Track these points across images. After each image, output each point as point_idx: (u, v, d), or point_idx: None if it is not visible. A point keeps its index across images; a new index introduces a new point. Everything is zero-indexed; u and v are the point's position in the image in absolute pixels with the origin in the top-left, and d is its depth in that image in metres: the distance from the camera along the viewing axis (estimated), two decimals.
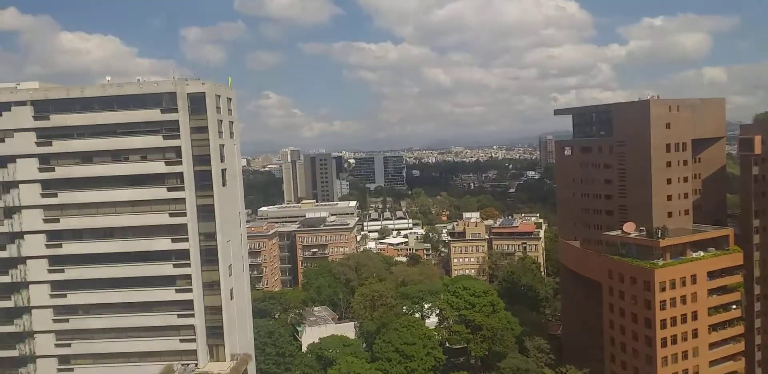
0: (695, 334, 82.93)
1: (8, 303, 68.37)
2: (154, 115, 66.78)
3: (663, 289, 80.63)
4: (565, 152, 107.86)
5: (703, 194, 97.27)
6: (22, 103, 67.37)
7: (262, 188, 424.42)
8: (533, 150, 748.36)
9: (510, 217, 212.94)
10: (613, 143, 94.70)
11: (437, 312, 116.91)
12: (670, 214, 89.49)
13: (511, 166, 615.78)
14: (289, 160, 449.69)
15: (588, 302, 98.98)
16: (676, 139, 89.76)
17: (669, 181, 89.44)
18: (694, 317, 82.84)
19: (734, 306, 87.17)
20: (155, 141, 67.10)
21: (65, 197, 68.22)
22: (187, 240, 66.88)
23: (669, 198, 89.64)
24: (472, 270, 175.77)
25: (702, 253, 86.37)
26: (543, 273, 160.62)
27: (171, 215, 67.53)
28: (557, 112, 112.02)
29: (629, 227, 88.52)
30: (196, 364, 66.09)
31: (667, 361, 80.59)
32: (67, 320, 68.57)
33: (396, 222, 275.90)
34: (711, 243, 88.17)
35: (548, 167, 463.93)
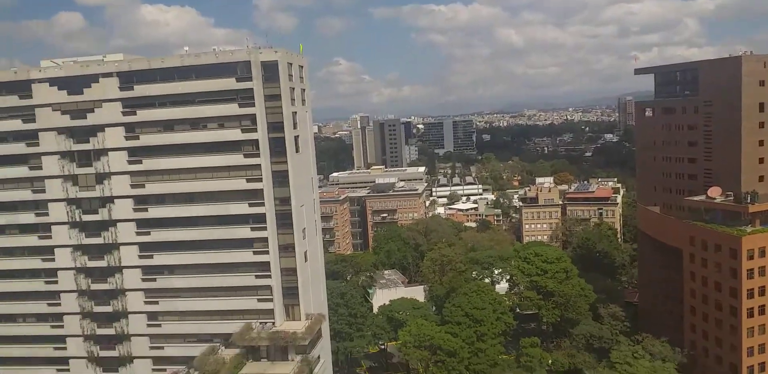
0: None
1: (102, 263, 73.35)
2: (229, 83, 68.22)
3: (751, 257, 76.71)
4: (646, 113, 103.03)
5: None
6: (109, 75, 70.38)
7: (332, 154, 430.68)
8: (611, 112, 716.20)
9: (585, 182, 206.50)
10: (699, 103, 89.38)
11: (507, 278, 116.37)
12: (761, 178, 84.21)
13: (587, 128, 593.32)
14: (359, 127, 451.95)
15: (667, 270, 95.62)
16: None
17: (761, 143, 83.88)
18: None
19: None
20: (231, 109, 68.75)
21: (149, 164, 71.48)
22: (263, 204, 68.92)
23: (761, 161, 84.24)
24: (545, 237, 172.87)
25: None
26: (620, 240, 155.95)
27: (248, 181, 69.61)
28: (638, 72, 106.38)
29: (715, 192, 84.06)
30: (273, 323, 69.02)
31: (753, 332, 77.36)
32: (154, 279, 72.94)
33: (465, 187, 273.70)
34: None
35: (627, 130, 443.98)
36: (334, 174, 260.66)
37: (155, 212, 72.09)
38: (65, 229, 73.34)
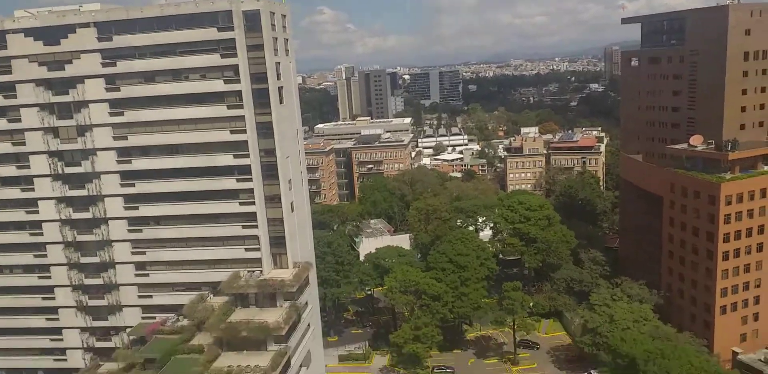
0: (759, 248, 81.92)
1: (87, 215, 73.45)
2: (210, 33, 66.47)
3: (729, 203, 78.83)
4: (632, 63, 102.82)
5: None
6: (86, 25, 68.06)
7: (317, 106, 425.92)
8: (597, 61, 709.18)
9: (570, 132, 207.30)
10: (685, 52, 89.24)
11: (491, 225, 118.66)
12: (742, 126, 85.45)
13: (573, 78, 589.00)
14: (344, 77, 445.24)
15: (647, 216, 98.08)
16: (755, 46, 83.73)
17: (744, 92, 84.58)
18: (761, 231, 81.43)
19: None
20: (213, 60, 67.29)
21: (131, 115, 70.43)
22: (248, 156, 68.73)
23: (743, 109, 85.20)
24: (529, 186, 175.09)
25: None
26: (602, 188, 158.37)
27: (232, 132, 69.08)
28: (625, 21, 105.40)
29: (696, 140, 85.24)
30: (261, 271, 70.30)
31: (727, 274, 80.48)
32: (140, 230, 73.22)
33: (451, 138, 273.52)
34: None
35: (613, 79, 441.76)
36: (320, 125, 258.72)
37: (139, 164, 71.74)
38: (48, 182, 72.86)
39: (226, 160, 69.82)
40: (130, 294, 75.29)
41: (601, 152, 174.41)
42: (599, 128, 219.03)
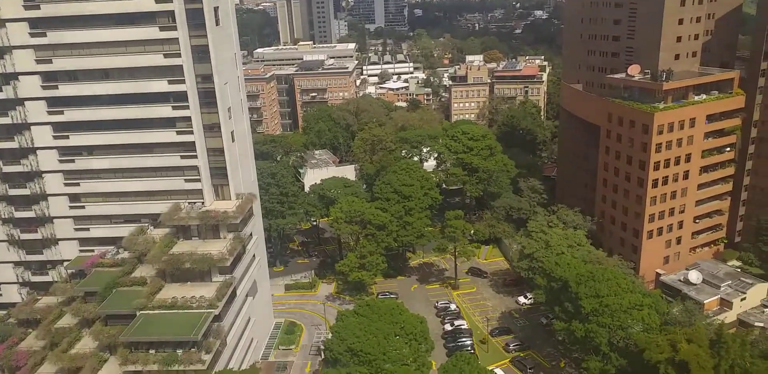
0: (686, 176, 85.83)
1: (12, 144, 69.40)
2: None
3: (660, 132, 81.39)
4: None
5: (715, 35, 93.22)
6: None
7: (256, 28, 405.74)
8: None
9: (514, 60, 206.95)
10: None
11: (435, 155, 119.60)
12: (677, 56, 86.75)
13: (518, 4, 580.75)
14: None
15: (584, 145, 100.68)
16: None
17: (680, 22, 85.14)
18: (688, 159, 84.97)
19: (728, 149, 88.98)
20: None
21: (54, 37, 65.27)
22: (183, 81, 65.53)
23: (678, 39, 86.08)
24: (472, 115, 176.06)
25: (704, 96, 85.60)
26: (543, 117, 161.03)
27: (165, 56, 65.33)
28: None
29: (634, 69, 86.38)
30: (203, 202, 69.17)
31: (656, 200, 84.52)
32: (72, 161, 70.08)
33: (396, 66, 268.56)
34: (715, 86, 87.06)
35: (558, 6, 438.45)
36: (259, 50, 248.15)
37: (66, 90, 67.44)
38: None
39: (160, 85, 66.52)
40: (66, 227, 73.06)
41: (543, 81, 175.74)
42: (542, 57, 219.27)
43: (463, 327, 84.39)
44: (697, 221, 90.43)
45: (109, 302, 61.07)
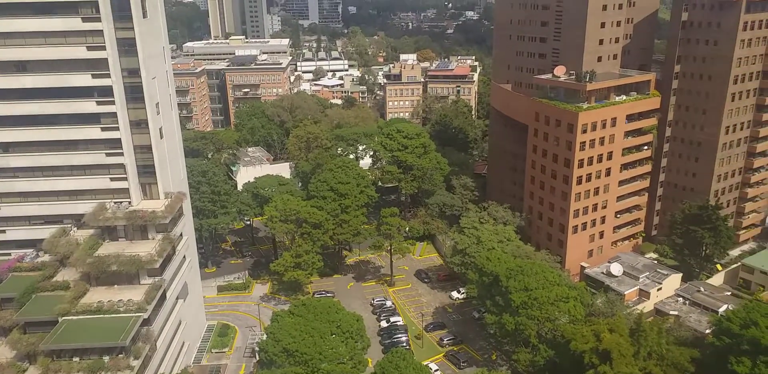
0: (608, 173, 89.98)
1: None
2: None
3: (584, 131, 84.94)
4: None
5: (633, 39, 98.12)
6: None
7: (186, 22, 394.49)
8: None
9: (446, 60, 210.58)
10: None
11: (371, 153, 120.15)
12: (599, 59, 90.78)
13: (450, 4, 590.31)
14: None
15: (514, 144, 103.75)
16: None
17: (602, 25, 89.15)
18: (609, 157, 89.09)
19: (646, 147, 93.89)
20: None
21: None
22: (108, 75, 62.95)
23: (600, 42, 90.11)
24: (407, 114, 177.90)
25: (624, 97, 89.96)
26: (474, 117, 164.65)
27: (89, 48, 62.49)
28: None
29: (560, 70, 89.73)
30: (130, 202, 66.65)
31: (580, 197, 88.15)
32: None
33: (331, 62, 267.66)
34: (634, 88, 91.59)
35: (488, 7, 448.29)
36: (189, 44, 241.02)
37: None
38: None
39: (83, 80, 63.74)
40: None
41: (474, 81, 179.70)
42: (473, 57, 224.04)
43: (398, 323, 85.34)
44: (618, 216, 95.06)
45: (27, 308, 57.97)
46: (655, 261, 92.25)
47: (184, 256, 71.88)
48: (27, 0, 60.83)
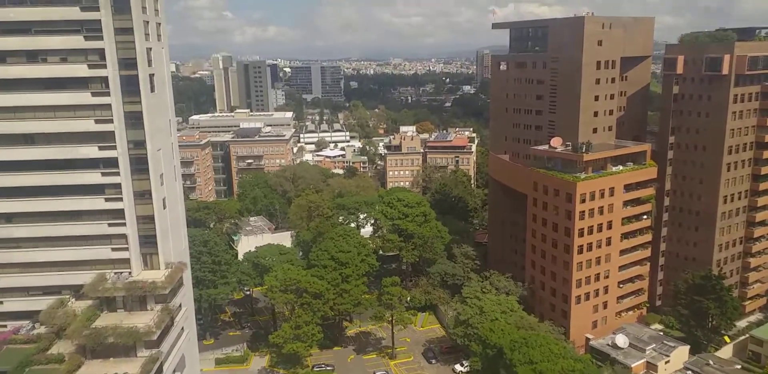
0: (609, 242, 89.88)
1: None
2: (72, 13, 61.26)
3: (583, 201, 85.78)
4: (501, 67, 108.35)
5: (627, 111, 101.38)
6: None
7: (192, 96, 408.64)
8: (470, 64, 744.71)
9: (445, 132, 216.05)
10: (547, 59, 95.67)
11: (372, 222, 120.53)
12: (595, 130, 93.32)
13: (448, 80, 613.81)
14: (221, 67, 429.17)
15: (513, 213, 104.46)
16: (606, 56, 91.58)
17: (596, 98, 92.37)
18: (609, 226, 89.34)
19: (645, 217, 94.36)
20: (76, 42, 62.13)
21: None
22: (115, 148, 64.35)
23: (595, 114, 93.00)
24: (407, 183, 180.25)
25: (621, 167, 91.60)
26: (473, 186, 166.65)
27: (97, 122, 64.32)
28: (495, 26, 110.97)
29: (556, 142, 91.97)
30: (130, 272, 66.18)
31: (582, 266, 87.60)
32: None
33: (333, 134, 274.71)
34: (630, 158, 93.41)
35: (484, 82, 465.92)
36: (195, 116, 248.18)
37: None
38: None
39: (90, 151, 64.95)
40: None
41: (472, 152, 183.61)
42: (471, 129, 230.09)
43: None
44: (621, 286, 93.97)
45: None
46: (661, 333, 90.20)
47: (183, 328, 70.42)
48: (39, 76, 63.31)
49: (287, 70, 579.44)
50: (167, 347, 63.80)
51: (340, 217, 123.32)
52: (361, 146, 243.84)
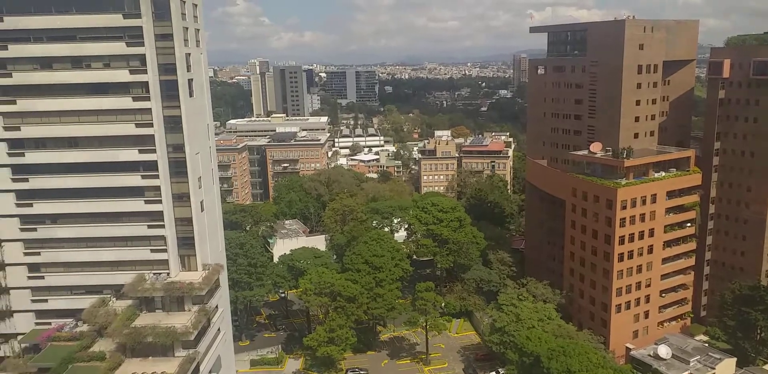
0: (650, 250, 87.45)
1: None
2: (115, 20, 62.84)
3: (624, 207, 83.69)
4: (539, 71, 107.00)
5: (670, 116, 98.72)
6: None
7: (230, 100, 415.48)
8: (507, 68, 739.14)
9: (480, 136, 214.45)
10: (586, 63, 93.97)
11: (406, 226, 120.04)
12: (636, 135, 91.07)
13: (484, 84, 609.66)
14: (258, 72, 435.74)
15: (551, 219, 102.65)
16: (648, 60, 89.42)
17: (638, 103, 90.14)
18: (651, 234, 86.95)
19: (689, 224, 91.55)
20: (118, 48, 63.66)
21: (25, 104, 65.29)
22: (154, 151, 65.51)
23: (636, 119, 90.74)
24: (441, 188, 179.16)
25: (663, 173, 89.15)
26: (509, 191, 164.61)
27: (137, 125, 65.67)
28: (533, 30, 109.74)
29: (596, 147, 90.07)
30: (168, 273, 67.17)
31: (622, 274, 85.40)
32: (34, 229, 68.04)
33: (368, 139, 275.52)
34: (673, 164, 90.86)
35: (521, 86, 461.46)
36: (232, 121, 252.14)
37: (33, 157, 66.57)
38: None
39: (130, 155, 66.28)
40: (23, 298, 69.69)
41: (509, 156, 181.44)
42: (507, 133, 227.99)
43: None
44: (664, 295, 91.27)
45: None
46: (706, 344, 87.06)
47: (219, 329, 71.10)
48: (84, 81, 64.94)
49: (323, 75, 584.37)
50: (204, 347, 64.44)
51: (374, 221, 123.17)
52: (395, 150, 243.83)
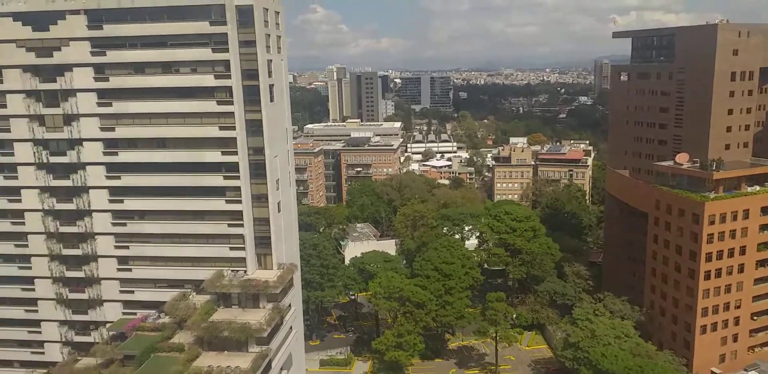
0: (741, 269, 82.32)
1: (70, 206, 72.01)
2: (203, 27, 65.80)
3: (712, 223, 79.19)
4: (621, 77, 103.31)
5: (766, 126, 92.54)
6: (76, 12, 66.89)
7: (307, 105, 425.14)
8: (587, 74, 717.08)
9: (558, 144, 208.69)
10: (673, 69, 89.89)
11: (477, 234, 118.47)
12: (727, 146, 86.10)
13: (563, 90, 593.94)
14: (335, 78, 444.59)
15: (632, 232, 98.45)
16: (742, 67, 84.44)
17: (730, 112, 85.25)
18: (742, 252, 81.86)
19: None
20: (204, 54, 66.56)
21: (119, 107, 69.35)
22: (236, 153, 67.89)
23: (728, 129, 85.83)
24: (515, 196, 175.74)
25: (758, 188, 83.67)
26: (588, 202, 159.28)
27: (221, 128, 68.22)
28: (616, 35, 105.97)
29: (682, 158, 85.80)
30: (245, 271, 69.32)
31: (708, 293, 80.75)
32: (124, 224, 71.99)
33: (440, 144, 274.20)
34: None
35: (602, 93, 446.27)
36: (309, 125, 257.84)
37: (126, 156, 70.58)
38: (32, 170, 71.33)
39: (214, 156, 68.94)
40: (112, 288, 73.93)
41: (588, 166, 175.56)
42: (587, 141, 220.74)
43: None
44: (755, 318, 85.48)
45: (145, 367, 60.26)
46: None
47: (291, 327, 72.64)
48: (173, 85, 68.24)
49: (397, 80, 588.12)
50: (276, 344, 65.99)
51: (445, 228, 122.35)
52: (468, 157, 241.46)
